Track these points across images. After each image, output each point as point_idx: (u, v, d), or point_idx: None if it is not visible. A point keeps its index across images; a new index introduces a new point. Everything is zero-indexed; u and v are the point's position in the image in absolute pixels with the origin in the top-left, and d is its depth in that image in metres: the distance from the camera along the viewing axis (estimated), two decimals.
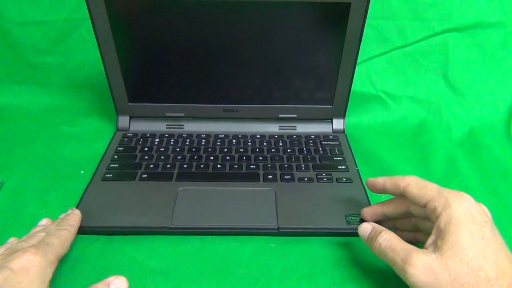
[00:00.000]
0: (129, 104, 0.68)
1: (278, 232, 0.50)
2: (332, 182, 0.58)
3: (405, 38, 0.74)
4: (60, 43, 0.74)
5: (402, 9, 0.72)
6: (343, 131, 0.70)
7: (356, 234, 0.46)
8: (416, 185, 0.42)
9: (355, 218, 0.52)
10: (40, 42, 0.74)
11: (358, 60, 0.62)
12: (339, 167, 0.61)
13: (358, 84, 0.73)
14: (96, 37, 0.60)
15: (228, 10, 0.58)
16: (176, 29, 0.60)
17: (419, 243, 0.45)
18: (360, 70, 0.65)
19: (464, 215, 0.37)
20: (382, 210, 0.48)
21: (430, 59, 0.75)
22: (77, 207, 0.53)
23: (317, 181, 0.58)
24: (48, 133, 0.70)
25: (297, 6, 0.58)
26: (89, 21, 0.58)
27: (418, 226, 0.46)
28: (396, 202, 0.47)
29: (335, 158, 0.63)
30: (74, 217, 0.48)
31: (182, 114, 0.69)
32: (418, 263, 0.37)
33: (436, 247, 0.37)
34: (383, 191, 0.47)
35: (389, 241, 0.40)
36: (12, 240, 0.45)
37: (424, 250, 0.38)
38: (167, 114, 0.69)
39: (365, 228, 0.44)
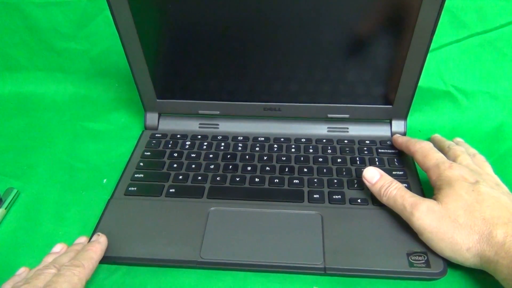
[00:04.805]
0: (158, 100, 0.60)
1: (325, 273, 0.42)
2: None
3: (485, 22, 0.61)
4: (84, 26, 0.67)
5: None
6: (404, 135, 0.59)
7: (420, 279, 0.42)
8: (421, 153, 0.48)
9: (420, 258, 0.42)
10: (63, 25, 0.67)
11: None
12: None
13: (424, 77, 0.60)
14: (117, 28, 0.51)
15: None
16: (209, 14, 0.51)
17: None
18: (427, 61, 0.53)
19: (455, 177, 0.43)
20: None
21: None
22: (95, 228, 0.47)
23: (372, 203, 0.49)
24: (71, 130, 0.64)
25: None
26: None
27: None
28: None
29: (394, 173, 0.53)
30: (96, 248, 0.42)
31: (217, 112, 0.61)
32: (424, 207, 0.41)
33: (436, 199, 0.43)
34: (402, 150, 0.54)
35: (399, 189, 0.45)
36: (22, 271, 0.41)
37: (429, 199, 0.43)
38: (200, 111, 0.60)
39: (373, 174, 0.47)
